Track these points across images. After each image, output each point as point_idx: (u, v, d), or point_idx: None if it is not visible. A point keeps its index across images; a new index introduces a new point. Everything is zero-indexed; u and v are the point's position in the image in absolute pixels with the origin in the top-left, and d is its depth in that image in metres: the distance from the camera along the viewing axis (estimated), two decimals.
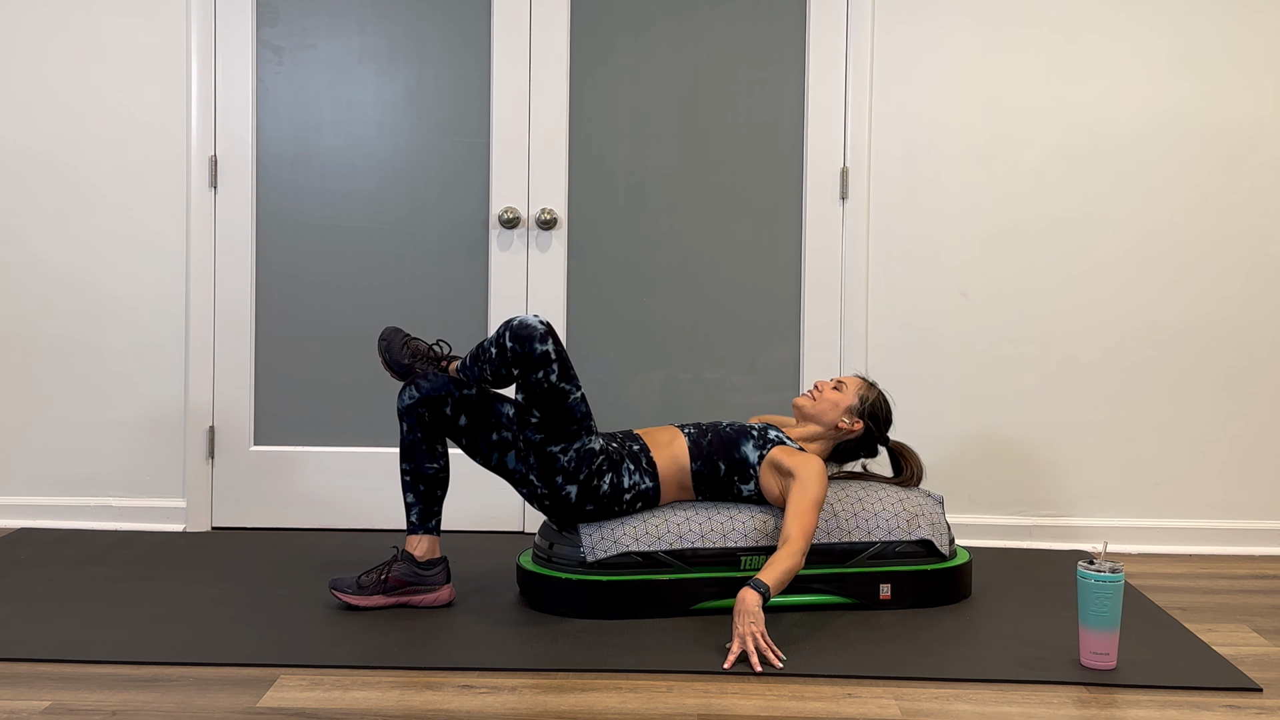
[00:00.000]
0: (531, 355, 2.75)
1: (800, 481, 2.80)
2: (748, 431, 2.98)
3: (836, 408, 3.03)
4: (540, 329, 2.76)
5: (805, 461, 2.85)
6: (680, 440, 2.98)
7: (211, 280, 3.70)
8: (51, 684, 2.39)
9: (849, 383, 3.07)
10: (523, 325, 2.76)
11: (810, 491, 2.78)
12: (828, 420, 3.03)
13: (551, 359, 2.77)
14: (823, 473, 2.83)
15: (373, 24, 3.69)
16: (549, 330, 2.77)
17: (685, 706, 2.33)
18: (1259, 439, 3.67)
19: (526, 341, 2.75)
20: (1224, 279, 3.66)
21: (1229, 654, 2.68)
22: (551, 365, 2.77)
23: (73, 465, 3.75)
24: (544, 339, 2.76)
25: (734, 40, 3.68)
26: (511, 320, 2.78)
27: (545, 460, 2.85)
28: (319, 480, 3.73)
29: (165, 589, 3.05)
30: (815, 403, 3.04)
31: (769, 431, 2.98)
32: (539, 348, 2.75)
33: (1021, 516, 3.69)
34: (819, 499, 2.78)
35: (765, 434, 2.97)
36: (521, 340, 2.75)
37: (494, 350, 2.80)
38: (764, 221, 3.70)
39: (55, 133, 3.70)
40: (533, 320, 2.77)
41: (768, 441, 2.95)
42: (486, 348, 2.83)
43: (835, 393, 3.05)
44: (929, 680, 2.48)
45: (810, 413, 3.04)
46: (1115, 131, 3.64)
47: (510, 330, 2.77)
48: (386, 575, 2.89)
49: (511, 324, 2.77)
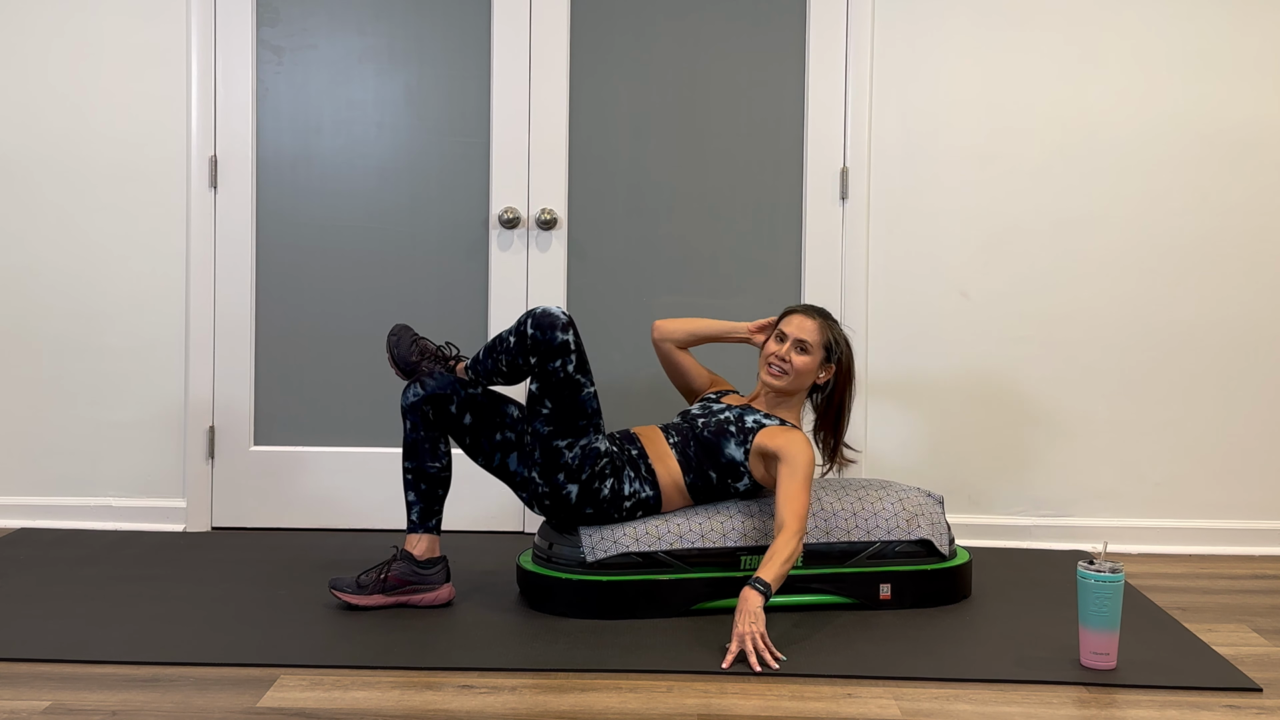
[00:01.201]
0: (552, 344, 2.77)
1: (788, 463, 2.79)
2: (725, 430, 2.96)
3: (810, 372, 2.99)
4: (563, 319, 2.79)
5: (789, 440, 2.84)
6: (669, 452, 2.97)
7: (211, 280, 3.70)
8: (51, 684, 2.39)
9: (809, 339, 2.97)
10: (545, 314, 2.79)
11: (799, 472, 2.77)
12: (805, 385, 3.01)
13: (571, 349, 2.79)
14: (808, 448, 2.83)
15: (373, 24, 3.69)
16: (570, 321, 2.80)
17: (685, 706, 2.33)
18: (1259, 439, 3.67)
19: (549, 329, 2.77)
20: (1224, 279, 3.66)
21: (1229, 654, 2.68)
22: (570, 355, 2.79)
23: (73, 465, 3.75)
24: (565, 329, 2.78)
25: (734, 40, 3.68)
26: (534, 309, 2.81)
27: (550, 455, 2.85)
28: (319, 480, 3.73)
29: (165, 589, 3.05)
30: (790, 377, 2.98)
31: (745, 419, 2.96)
32: (560, 336, 2.77)
33: (1021, 516, 3.69)
34: (809, 475, 2.78)
35: (743, 424, 2.95)
36: (543, 328, 2.77)
37: (513, 339, 2.82)
38: (764, 221, 3.70)
39: (55, 133, 3.70)
40: (555, 310, 2.80)
41: (748, 432, 2.94)
42: (505, 337, 2.84)
43: (803, 357, 2.97)
44: (929, 680, 2.48)
45: (790, 389, 3.00)
46: (1115, 131, 3.64)
47: (533, 318, 2.79)
48: (386, 574, 2.89)
49: (534, 312, 2.80)
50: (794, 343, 2.98)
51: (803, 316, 3.00)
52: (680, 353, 3.24)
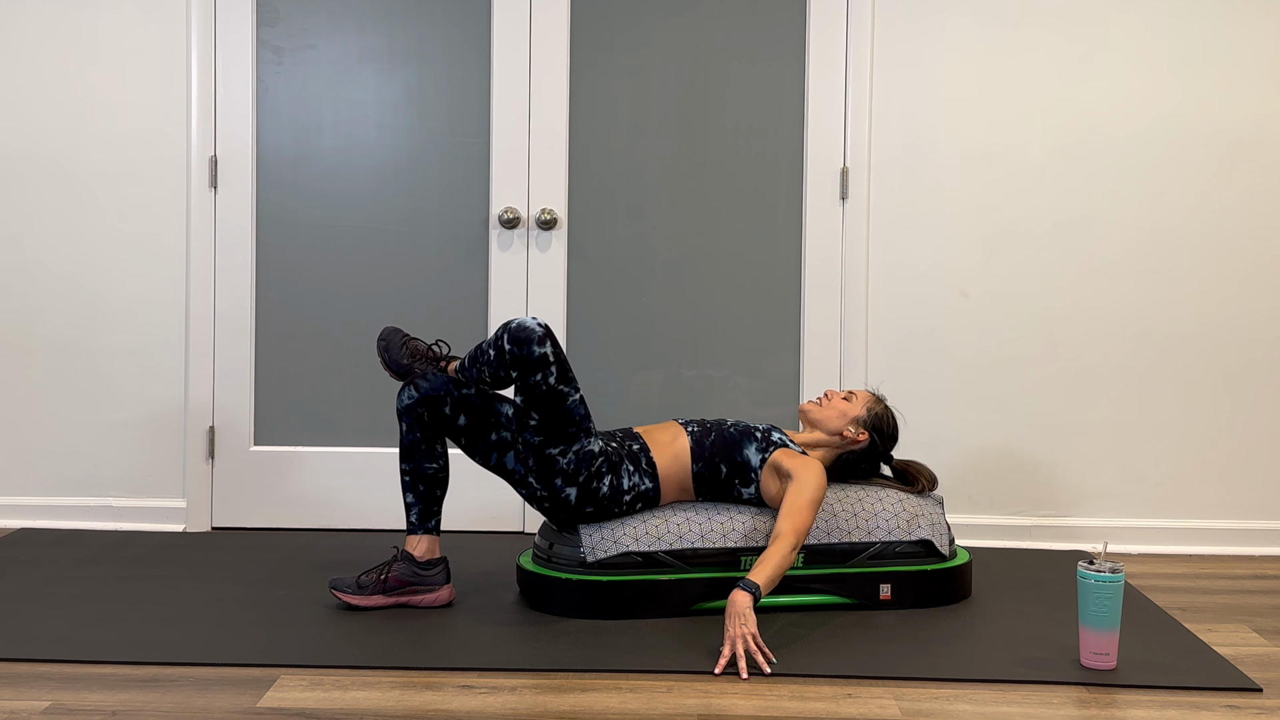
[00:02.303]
0: (529, 358, 2.75)
1: (797, 481, 2.80)
2: (751, 433, 2.97)
3: (844, 416, 3.02)
4: (538, 331, 2.75)
5: (805, 464, 2.85)
6: (683, 439, 2.97)
7: (211, 280, 3.70)
8: (51, 684, 2.39)
9: (859, 395, 3.07)
10: (520, 328, 2.75)
11: (806, 491, 2.78)
12: (833, 427, 3.02)
13: (550, 361, 2.76)
14: (822, 476, 2.82)
15: (373, 24, 3.69)
16: (547, 333, 2.77)
17: (685, 706, 2.33)
18: (1259, 439, 3.67)
19: (525, 344, 2.75)
20: (1224, 279, 3.66)
21: (1229, 654, 2.68)
22: (550, 368, 2.77)
23: (73, 465, 3.75)
24: (542, 341, 2.75)
25: (734, 40, 3.68)
26: (510, 323, 2.78)
27: (544, 462, 2.85)
28: (319, 480, 3.73)
29: (165, 589, 3.05)
30: (822, 409, 3.03)
31: (773, 434, 2.97)
32: (537, 350, 2.75)
33: (1021, 516, 3.69)
34: (816, 500, 2.78)
35: (769, 436, 2.96)
36: (520, 343, 2.75)
37: (492, 353, 2.80)
38: (764, 221, 3.70)
39: (55, 134, 3.70)
40: (530, 323, 2.76)
41: (770, 444, 2.94)
42: (485, 350, 2.82)
43: (844, 402, 3.04)
44: (929, 680, 2.48)
45: (815, 418, 3.03)
46: (1115, 131, 3.64)
47: (508, 333, 2.76)
48: (386, 575, 2.89)
49: (510, 326, 2.77)
50: (846, 391, 3.12)
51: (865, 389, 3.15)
52: None
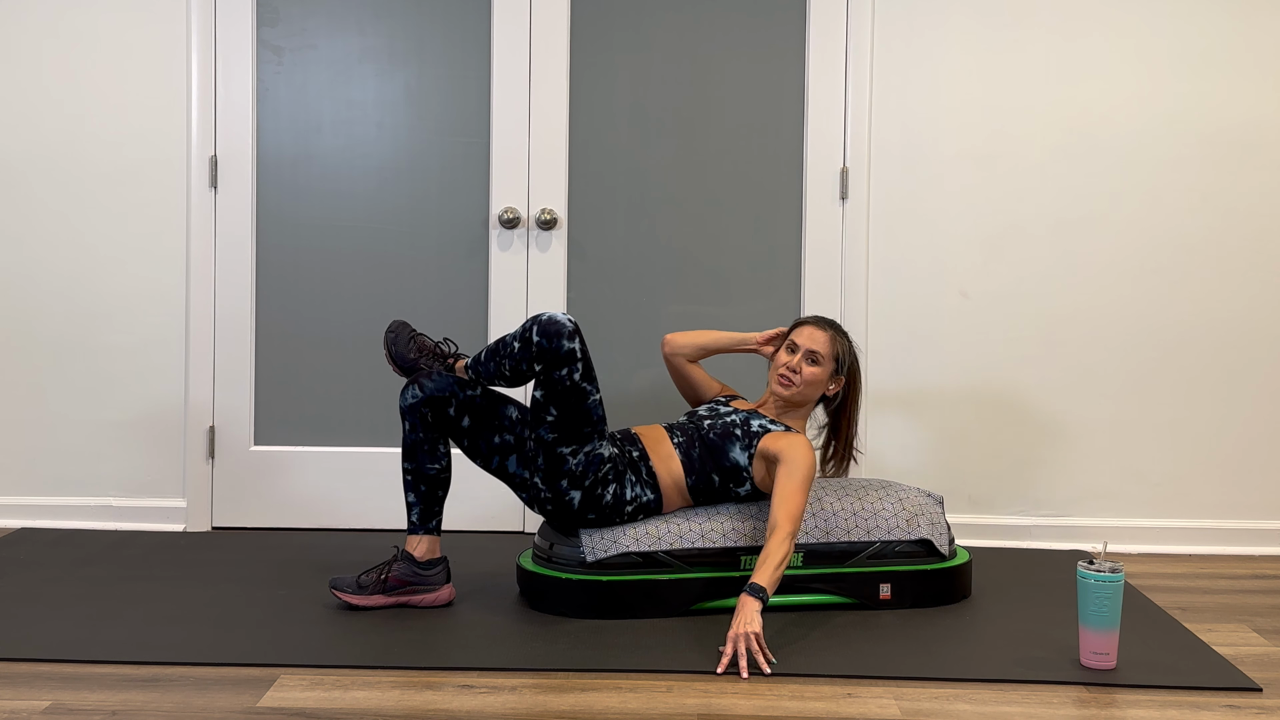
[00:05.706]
0: (558, 352, 2.75)
1: (787, 464, 2.79)
2: (731, 432, 2.96)
3: (820, 383, 3.01)
4: (569, 327, 2.76)
5: (791, 443, 2.84)
6: (673, 453, 2.97)
7: (211, 280, 3.70)
8: (51, 684, 2.39)
9: (821, 351, 2.99)
10: (551, 321, 2.76)
11: (797, 474, 2.77)
12: (813, 396, 3.04)
13: (577, 357, 2.77)
14: (810, 453, 2.83)
15: (373, 24, 3.69)
16: (576, 329, 2.78)
17: (685, 706, 2.33)
18: (1259, 439, 3.67)
19: (554, 337, 2.75)
20: (1224, 279, 3.66)
21: (1229, 654, 2.68)
22: (576, 364, 2.77)
23: (73, 465, 3.75)
24: (571, 337, 2.76)
25: (734, 40, 3.68)
26: (540, 315, 2.78)
27: (554, 461, 2.85)
28: (319, 480, 3.73)
29: (165, 589, 3.05)
30: (798, 388, 3.00)
31: (751, 423, 2.96)
32: (566, 345, 2.75)
33: (1021, 516, 3.69)
34: (807, 479, 2.77)
35: (749, 428, 2.95)
36: (549, 336, 2.75)
37: (517, 345, 2.80)
38: (764, 221, 3.70)
39: (54, 134, 3.70)
40: (561, 317, 2.77)
41: (753, 435, 2.94)
42: (509, 342, 2.82)
43: (814, 369, 2.99)
44: (929, 680, 2.48)
45: (796, 400, 3.02)
46: (1115, 131, 3.64)
47: (538, 325, 2.76)
48: (386, 575, 2.89)
49: (540, 319, 2.77)
50: (805, 354, 3.00)
51: (814, 328, 3.02)
52: (691, 365, 3.24)
